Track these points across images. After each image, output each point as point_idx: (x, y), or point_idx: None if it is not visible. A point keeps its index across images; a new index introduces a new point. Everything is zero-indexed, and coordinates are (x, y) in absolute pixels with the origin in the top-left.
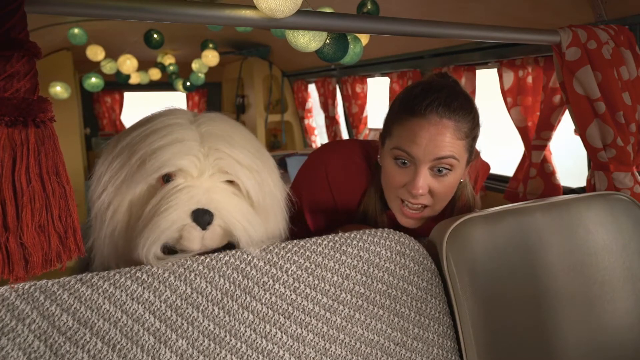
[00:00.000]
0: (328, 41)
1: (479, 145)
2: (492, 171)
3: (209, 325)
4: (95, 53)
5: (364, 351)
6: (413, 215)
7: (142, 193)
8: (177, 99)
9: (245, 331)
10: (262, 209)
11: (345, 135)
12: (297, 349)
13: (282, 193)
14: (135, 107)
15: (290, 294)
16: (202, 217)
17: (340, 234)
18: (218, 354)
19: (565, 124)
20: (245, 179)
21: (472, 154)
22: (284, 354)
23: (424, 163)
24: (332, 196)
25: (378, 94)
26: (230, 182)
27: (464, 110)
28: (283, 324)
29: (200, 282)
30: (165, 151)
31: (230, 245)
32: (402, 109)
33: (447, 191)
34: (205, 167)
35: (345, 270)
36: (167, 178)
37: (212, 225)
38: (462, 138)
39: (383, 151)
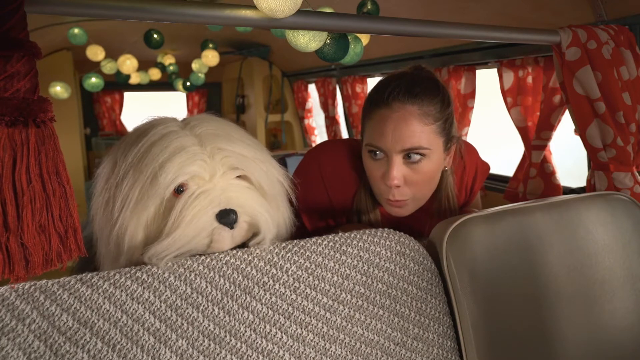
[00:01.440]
0: (328, 41)
1: (478, 144)
2: (492, 171)
3: (209, 325)
4: (95, 53)
5: (364, 351)
6: (398, 204)
7: (156, 210)
8: (177, 99)
9: (245, 331)
10: (272, 198)
11: (345, 135)
12: (297, 349)
13: (287, 181)
14: (135, 107)
15: (290, 294)
16: (229, 217)
17: (340, 234)
18: (218, 354)
19: (565, 124)
20: (254, 171)
21: (450, 137)
22: (284, 354)
23: (394, 153)
24: (328, 195)
25: None
26: (240, 177)
27: (428, 93)
28: (283, 324)
29: (200, 282)
30: (173, 162)
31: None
32: (369, 103)
33: (424, 179)
34: (215, 168)
35: (345, 270)
36: (179, 189)
37: (238, 223)
38: (430, 123)
39: (362, 148)
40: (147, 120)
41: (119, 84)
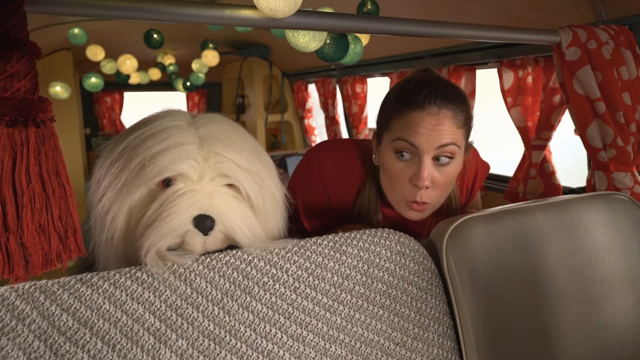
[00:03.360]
0: (328, 41)
1: (478, 144)
2: (492, 171)
3: (209, 325)
4: (95, 53)
5: (364, 351)
6: (420, 207)
7: (142, 197)
8: (177, 99)
9: (245, 331)
10: (262, 211)
11: (345, 135)
12: (297, 349)
13: (281, 193)
14: (135, 107)
15: (290, 294)
16: (204, 223)
17: (340, 234)
18: (218, 354)
19: (565, 124)
20: (245, 183)
21: (467, 143)
22: (284, 354)
23: (427, 153)
24: (327, 196)
25: (378, 94)
26: (230, 185)
27: (459, 100)
28: (283, 324)
29: (200, 282)
30: (165, 156)
31: (231, 246)
32: (399, 103)
33: (449, 182)
34: (205, 171)
35: (345, 270)
36: (167, 182)
37: (213, 231)
38: (460, 126)
39: (381, 148)
40: (160, 110)
41: (119, 84)
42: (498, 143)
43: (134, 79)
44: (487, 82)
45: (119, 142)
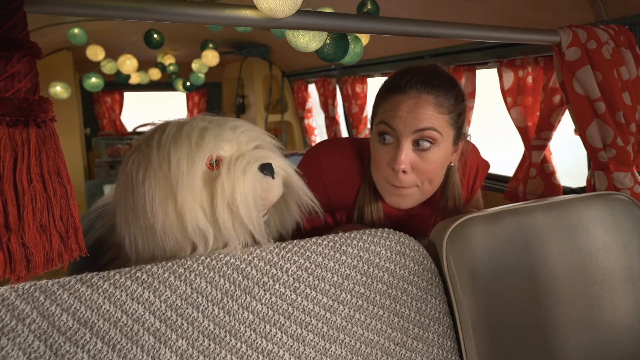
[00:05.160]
0: (328, 41)
1: (479, 144)
2: (492, 171)
3: (209, 325)
4: (95, 53)
5: (364, 351)
6: (400, 191)
7: (200, 187)
8: (177, 99)
9: (245, 331)
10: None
11: (345, 135)
12: (297, 349)
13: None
14: (135, 107)
15: (290, 294)
16: (269, 168)
17: (340, 234)
18: (218, 354)
19: (565, 124)
20: (269, 143)
21: (460, 132)
22: (284, 354)
23: (405, 136)
24: (327, 195)
25: None
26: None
27: (444, 86)
28: (283, 324)
29: (200, 282)
30: (204, 137)
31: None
32: (385, 89)
33: (432, 169)
34: (239, 139)
35: (345, 270)
36: (214, 163)
37: (277, 175)
38: (444, 112)
39: (372, 134)
40: (154, 124)
41: (119, 84)
42: (498, 143)
43: (134, 79)
44: (487, 82)
45: (148, 152)
